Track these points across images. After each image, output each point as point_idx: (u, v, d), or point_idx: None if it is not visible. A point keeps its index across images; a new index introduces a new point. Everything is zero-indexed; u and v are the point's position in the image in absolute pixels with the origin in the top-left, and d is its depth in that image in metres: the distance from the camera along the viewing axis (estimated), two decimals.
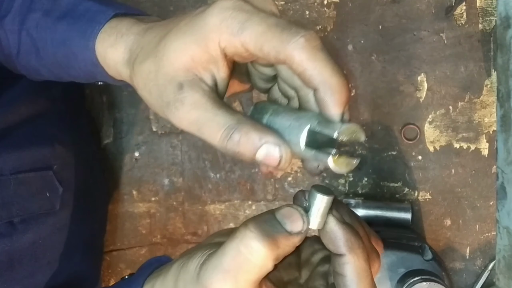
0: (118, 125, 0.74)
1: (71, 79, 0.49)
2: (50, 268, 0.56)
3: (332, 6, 0.70)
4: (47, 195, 0.54)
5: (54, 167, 0.55)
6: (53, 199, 0.55)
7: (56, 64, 0.47)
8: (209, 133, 0.36)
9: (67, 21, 0.45)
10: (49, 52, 0.47)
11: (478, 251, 0.68)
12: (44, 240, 0.54)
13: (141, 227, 0.73)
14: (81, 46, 0.43)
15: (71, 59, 0.45)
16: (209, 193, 0.72)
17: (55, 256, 0.57)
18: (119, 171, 0.74)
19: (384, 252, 0.58)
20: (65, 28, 0.45)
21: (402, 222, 0.66)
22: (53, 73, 0.49)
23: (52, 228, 0.55)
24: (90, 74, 0.46)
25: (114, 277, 0.73)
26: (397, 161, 0.69)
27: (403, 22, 0.68)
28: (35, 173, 0.53)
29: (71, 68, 0.46)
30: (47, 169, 0.54)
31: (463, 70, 0.67)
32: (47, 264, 0.55)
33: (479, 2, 0.67)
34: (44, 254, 0.54)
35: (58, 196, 0.55)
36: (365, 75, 0.69)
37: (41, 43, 0.47)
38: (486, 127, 0.67)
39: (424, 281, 0.54)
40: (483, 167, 0.67)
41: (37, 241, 0.53)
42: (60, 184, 0.55)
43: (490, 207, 0.67)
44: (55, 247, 0.56)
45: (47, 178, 0.54)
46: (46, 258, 0.55)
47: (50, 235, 0.55)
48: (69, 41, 0.44)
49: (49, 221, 0.55)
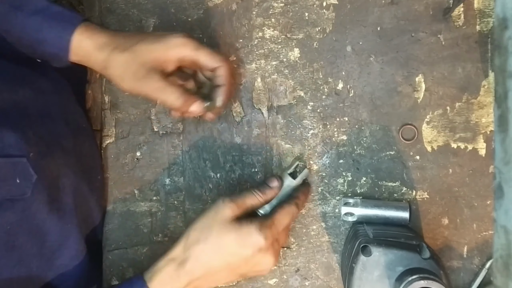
0: (120, 125, 0.75)
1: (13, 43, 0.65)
2: (18, 253, 0.57)
3: (331, 7, 0.71)
4: (17, 181, 0.55)
5: (30, 155, 0.57)
6: (25, 186, 0.56)
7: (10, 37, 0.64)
8: (165, 97, 0.63)
9: (41, 17, 0.62)
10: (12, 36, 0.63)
11: (475, 250, 0.68)
12: (12, 225, 0.55)
13: (142, 226, 0.74)
14: (54, 37, 0.62)
15: (36, 43, 0.63)
16: (209, 192, 0.73)
17: (24, 242, 0.57)
18: (121, 171, 0.74)
19: (382, 250, 0.59)
20: (40, 21, 0.62)
21: (400, 220, 0.66)
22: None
23: (20, 214, 0.56)
24: (41, 51, 0.64)
25: (116, 275, 0.74)
26: (395, 161, 0.69)
27: (401, 24, 0.69)
28: (5, 159, 0.55)
29: (29, 48, 0.64)
30: (21, 156, 0.56)
31: (460, 71, 0.68)
32: (11, 249, 0.56)
33: (477, 4, 0.68)
34: (9, 238, 0.55)
35: (31, 183, 0.57)
36: (364, 76, 0.70)
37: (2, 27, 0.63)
38: (483, 127, 0.68)
39: (422, 279, 0.54)
40: (480, 167, 0.68)
41: (3, 226, 0.54)
42: (35, 172, 0.57)
43: (487, 206, 0.67)
44: (24, 233, 0.57)
45: (19, 165, 0.56)
46: (11, 243, 0.56)
47: (19, 221, 0.56)
48: (42, 32, 0.62)
49: (17, 207, 0.56)
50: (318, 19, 0.71)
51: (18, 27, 0.62)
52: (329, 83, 0.71)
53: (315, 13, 0.71)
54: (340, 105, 0.70)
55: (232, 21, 0.73)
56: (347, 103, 0.70)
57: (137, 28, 0.74)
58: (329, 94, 0.71)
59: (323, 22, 0.71)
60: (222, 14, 0.73)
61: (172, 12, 0.74)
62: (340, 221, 0.70)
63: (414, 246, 0.60)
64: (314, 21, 0.71)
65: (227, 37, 0.73)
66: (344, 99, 0.70)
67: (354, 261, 0.59)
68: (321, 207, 0.71)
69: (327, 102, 0.71)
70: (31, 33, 0.63)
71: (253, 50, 0.72)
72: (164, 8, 0.74)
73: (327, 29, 0.71)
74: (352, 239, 0.65)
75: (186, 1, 0.74)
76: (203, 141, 0.73)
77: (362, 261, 0.59)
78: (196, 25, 0.74)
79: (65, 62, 0.64)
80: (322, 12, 0.71)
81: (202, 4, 0.73)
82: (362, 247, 0.59)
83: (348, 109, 0.70)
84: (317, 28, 0.71)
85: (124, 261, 0.74)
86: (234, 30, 0.73)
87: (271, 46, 0.72)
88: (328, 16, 0.71)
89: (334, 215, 0.71)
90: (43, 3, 0.63)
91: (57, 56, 0.64)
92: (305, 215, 0.71)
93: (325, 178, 0.71)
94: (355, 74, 0.70)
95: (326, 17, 0.71)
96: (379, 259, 0.59)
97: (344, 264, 0.65)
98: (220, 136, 0.73)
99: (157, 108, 0.73)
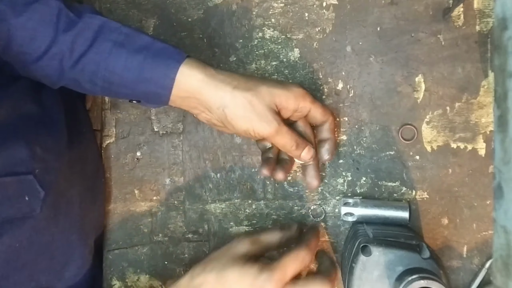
0: (120, 125, 0.75)
1: (111, 94, 0.65)
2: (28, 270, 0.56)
3: (331, 8, 0.71)
4: (26, 199, 0.54)
5: (36, 171, 0.55)
6: (34, 203, 0.55)
7: (114, 84, 0.60)
8: (284, 140, 0.62)
9: (145, 55, 0.58)
10: (114, 75, 0.59)
11: (475, 250, 0.68)
12: (21, 243, 0.54)
13: (142, 225, 0.74)
14: (159, 73, 0.58)
15: (138, 82, 0.59)
16: (209, 192, 0.73)
17: (33, 258, 0.57)
18: (121, 171, 0.75)
19: (382, 250, 0.59)
20: (142, 59, 0.58)
21: (399, 220, 0.66)
22: (98, 87, 0.61)
23: (30, 232, 0.55)
24: (143, 94, 0.61)
25: (116, 275, 0.74)
26: (395, 161, 0.69)
27: (401, 24, 0.69)
28: (12, 178, 0.53)
29: (129, 88, 0.60)
30: (28, 173, 0.55)
31: (460, 71, 0.68)
32: (22, 266, 0.55)
33: (477, 4, 0.68)
34: (20, 257, 0.54)
35: (40, 200, 0.55)
36: (363, 76, 0.70)
37: (105, 66, 0.59)
38: (483, 128, 0.68)
39: (422, 279, 0.54)
40: (480, 167, 0.68)
41: (13, 245, 0.53)
42: (43, 188, 0.55)
43: (487, 206, 0.67)
44: (33, 250, 0.56)
45: (26, 183, 0.54)
46: (21, 261, 0.55)
47: (29, 238, 0.55)
48: (144, 70, 0.58)
49: (28, 225, 0.55)
50: (318, 19, 0.71)
51: (120, 65, 0.59)
52: (329, 83, 0.71)
53: (315, 13, 0.71)
54: (340, 105, 0.71)
55: (232, 21, 0.73)
56: (347, 103, 0.70)
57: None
58: (329, 94, 0.71)
59: (323, 22, 0.71)
60: (222, 14, 0.73)
61: (172, 12, 0.74)
62: (340, 221, 0.70)
63: (414, 246, 0.60)
64: (314, 21, 0.71)
65: (227, 37, 0.73)
66: (344, 99, 0.70)
67: (354, 260, 0.59)
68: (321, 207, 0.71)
69: (327, 102, 0.71)
70: (134, 72, 0.59)
71: (253, 50, 0.73)
72: (164, 8, 0.74)
73: (327, 29, 0.71)
74: (352, 239, 0.65)
75: (186, 2, 0.74)
76: (203, 141, 0.73)
77: (362, 261, 0.59)
78: (196, 25, 0.74)
79: (164, 102, 0.61)
80: (322, 12, 0.71)
81: (202, 4, 0.73)
82: (362, 247, 0.59)
83: (348, 109, 0.70)
84: (317, 28, 0.71)
85: (124, 261, 0.74)
86: (234, 30, 0.73)
87: (271, 46, 0.72)
88: (328, 16, 0.71)
89: (334, 215, 0.71)
90: (148, 40, 0.60)
91: (158, 95, 0.60)
92: (305, 215, 0.71)
93: (325, 178, 0.71)
94: (355, 74, 0.70)
95: (326, 17, 0.71)
96: (379, 259, 0.59)
97: (344, 264, 0.65)
98: (220, 136, 0.73)
99: (156, 108, 0.74)
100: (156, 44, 0.60)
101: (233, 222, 0.73)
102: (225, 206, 0.73)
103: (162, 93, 0.60)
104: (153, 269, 0.74)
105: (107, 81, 0.60)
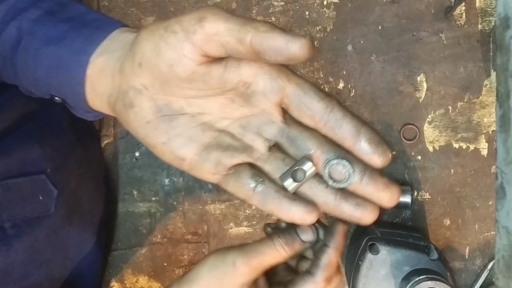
0: (118, 125, 0.74)
1: (26, 81, 0.49)
2: (45, 269, 0.56)
3: (332, 6, 0.70)
4: (40, 198, 0.54)
5: (48, 171, 0.55)
6: (48, 202, 0.55)
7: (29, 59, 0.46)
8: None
9: (71, 25, 0.46)
10: (32, 47, 0.46)
11: (477, 251, 0.68)
12: (40, 242, 0.54)
13: (141, 226, 0.74)
14: (76, 50, 0.44)
15: (55, 60, 0.45)
16: (209, 193, 0.73)
17: (50, 256, 0.57)
18: (120, 171, 0.74)
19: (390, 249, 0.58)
20: (66, 29, 0.45)
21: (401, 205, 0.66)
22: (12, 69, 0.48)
23: (47, 231, 0.55)
24: (61, 79, 0.46)
25: (115, 276, 0.74)
26: (396, 161, 0.69)
27: (403, 23, 0.69)
28: (25, 178, 0.53)
29: (43, 69, 0.46)
30: (40, 173, 0.55)
31: (462, 70, 0.68)
32: (40, 265, 0.55)
33: (479, 3, 0.67)
34: (38, 256, 0.55)
35: (53, 199, 0.55)
36: (365, 75, 0.70)
37: (29, 37, 0.46)
38: (485, 127, 0.67)
39: (430, 280, 0.54)
40: (482, 167, 0.67)
41: (33, 245, 0.53)
42: (55, 187, 0.56)
43: (489, 206, 0.67)
44: (50, 248, 0.57)
45: (39, 182, 0.55)
46: (40, 260, 0.55)
47: (46, 237, 0.55)
48: (64, 41, 0.45)
49: (44, 224, 0.55)
50: (319, 18, 0.70)
51: (41, 33, 0.46)
52: (330, 82, 0.70)
53: (316, 11, 0.70)
54: None
55: None
56: (348, 103, 0.70)
57: (136, 27, 0.74)
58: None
59: (324, 21, 0.70)
60: None
61: (171, 10, 0.73)
62: None
63: (422, 247, 0.59)
64: (315, 20, 0.71)
65: None
66: (345, 99, 0.70)
67: (361, 258, 0.59)
68: None
69: None
70: (50, 43, 0.46)
71: None
72: (163, 7, 0.74)
73: (328, 28, 0.70)
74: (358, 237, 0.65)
75: (186, 0, 0.73)
76: None
77: (369, 258, 0.58)
78: None
79: (80, 82, 0.45)
80: (322, 11, 0.70)
81: (201, 3, 0.73)
82: (370, 245, 0.59)
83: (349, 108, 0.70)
84: (318, 27, 0.71)
85: (123, 262, 0.74)
86: None
87: None
88: (329, 15, 0.70)
89: None
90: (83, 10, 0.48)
91: (69, 70, 0.46)
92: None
93: None
94: (356, 74, 0.70)
95: (326, 16, 0.70)
96: (386, 257, 0.58)
97: (349, 262, 0.65)
98: None
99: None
100: (90, 15, 0.48)
101: (233, 223, 0.72)
102: (224, 207, 0.72)
103: (74, 76, 0.45)
104: (152, 271, 0.73)
105: (25, 50, 0.46)
